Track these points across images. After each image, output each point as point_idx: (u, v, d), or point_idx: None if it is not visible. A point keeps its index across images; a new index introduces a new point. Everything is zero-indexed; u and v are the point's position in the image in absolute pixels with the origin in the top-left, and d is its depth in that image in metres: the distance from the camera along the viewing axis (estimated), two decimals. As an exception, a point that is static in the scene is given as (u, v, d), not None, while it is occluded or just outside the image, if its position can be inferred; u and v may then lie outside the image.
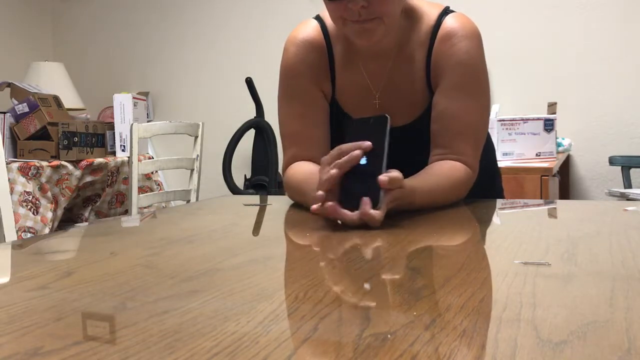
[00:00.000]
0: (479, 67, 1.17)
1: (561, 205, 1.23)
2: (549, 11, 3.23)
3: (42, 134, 2.91)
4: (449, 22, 1.16)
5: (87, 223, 3.03)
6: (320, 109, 1.22)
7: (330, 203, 0.90)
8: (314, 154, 1.17)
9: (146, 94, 3.93)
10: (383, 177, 0.90)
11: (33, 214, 2.62)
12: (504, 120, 2.23)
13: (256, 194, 3.44)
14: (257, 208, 1.19)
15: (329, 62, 1.21)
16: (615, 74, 3.13)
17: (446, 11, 1.18)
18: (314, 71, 1.21)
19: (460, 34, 1.15)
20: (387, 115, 0.94)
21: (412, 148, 1.17)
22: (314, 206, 0.91)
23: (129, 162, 2.73)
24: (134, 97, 3.17)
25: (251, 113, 3.63)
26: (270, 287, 0.58)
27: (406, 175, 1.12)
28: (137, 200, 2.71)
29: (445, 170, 1.11)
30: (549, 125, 2.33)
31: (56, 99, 3.10)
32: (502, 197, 1.42)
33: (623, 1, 3.11)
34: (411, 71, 1.19)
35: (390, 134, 0.95)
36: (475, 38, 1.16)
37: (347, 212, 0.89)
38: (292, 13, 3.66)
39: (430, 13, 1.18)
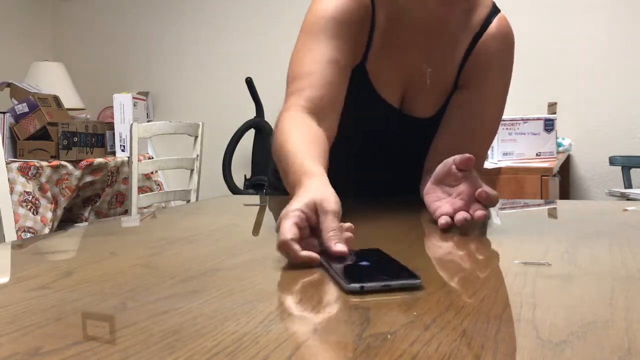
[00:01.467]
0: (510, 79, 1.16)
1: (561, 205, 1.23)
2: (549, 11, 3.23)
3: (42, 134, 2.91)
4: (503, 21, 1.12)
5: (87, 223, 3.03)
6: (347, 60, 1.07)
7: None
8: (328, 100, 1.02)
9: (146, 94, 3.93)
10: (485, 193, 0.82)
11: (33, 214, 2.62)
12: (504, 120, 2.23)
13: (256, 194, 3.44)
14: (257, 208, 1.19)
15: (370, 25, 1.09)
16: (616, 74, 3.13)
17: (496, 7, 1.14)
18: (353, 27, 1.06)
19: (510, 39, 1.12)
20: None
21: (429, 142, 1.14)
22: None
23: (129, 162, 2.73)
24: (133, 97, 3.17)
25: (251, 113, 3.63)
26: (270, 287, 0.58)
27: (413, 168, 1.13)
28: (137, 200, 2.71)
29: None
30: (549, 125, 2.33)
31: (56, 99, 3.10)
32: None
33: (623, 1, 3.11)
34: (450, 53, 1.12)
35: (411, 127, 0.90)
36: (513, 48, 1.14)
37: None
38: (292, 13, 3.66)
39: (484, 3, 1.13)
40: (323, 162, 0.88)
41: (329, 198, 0.70)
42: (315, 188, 0.74)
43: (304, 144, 0.89)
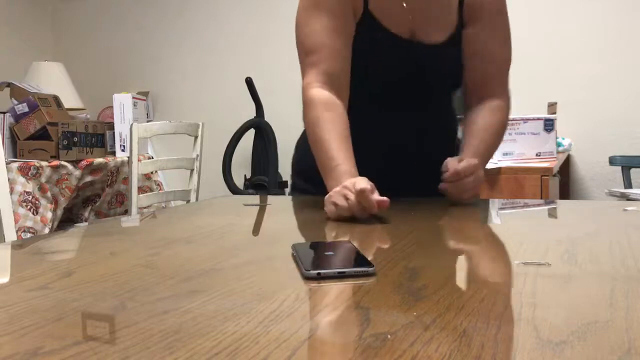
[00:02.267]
0: (505, 8, 1.27)
1: (561, 205, 1.23)
2: (549, 11, 3.23)
3: (42, 134, 2.91)
4: None
5: (87, 223, 3.03)
6: (349, 24, 1.19)
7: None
8: (341, 70, 1.17)
9: (146, 94, 3.93)
10: (456, 164, 1.09)
11: (33, 214, 2.62)
12: (503, 120, 2.22)
13: (256, 194, 3.44)
14: (257, 208, 1.19)
15: None
16: (616, 74, 3.13)
17: None
18: None
19: None
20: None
21: (446, 71, 1.24)
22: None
23: (129, 162, 2.73)
24: (133, 97, 3.17)
25: (251, 113, 3.63)
26: (270, 287, 0.58)
27: (426, 107, 1.25)
28: (137, 200, 2.71)
29: (493, 121, 1.24)
30: (549, 125, 2.33)
31: (56, 99, 3.10)
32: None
33: (624, 2, 3.11)
34: None
35: (425, 53, 1.09)
36: None
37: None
38: (292, 13, 3.66)
39: None
40: (352, 156, 1.10)
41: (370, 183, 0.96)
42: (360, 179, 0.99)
43: (337, 140, 1.10)
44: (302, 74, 1.21)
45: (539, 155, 2.31)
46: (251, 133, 3.61)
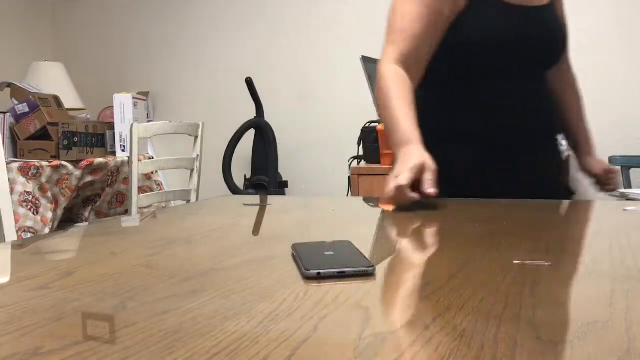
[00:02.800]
0: None
1: (561, 205, 1.23)
2: (549, 11, 3.23)
3: (42, 134, 2.91)
4: None
5: (87, 223, 3.03)
6: (440, 12, 1.30)
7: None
8: (415, 53, 1.30)
9: (146, 94, 3.93)
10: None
11: (33, 214, 2.62)
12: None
13: (256, 194, 3.44)
14: (257, 208, 1.19)
15: None
16: (616, 74, 3.13)
17: None
18: None
19: None
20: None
21: (544, 35, 1.34)
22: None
23: (129, 162, 2.74)
24: (134, 97, 3.17)
25: (251, 113, 3.63)
26: (270, 287, 0.58)
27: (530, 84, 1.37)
28: (137, 200, 2.71)
29: (581, 106, 1.57)
30: (549, 125, 2.32)
31: (56, 99, 3.10)
32: None
33: (623, 2, 3.11)
34: None
35: (540, 15, 1.30)
36: None
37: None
38: (292, 13, 3.66)
39: None
40: (414, 122, 1.22)
41: (428, 162, 1.10)
42: (417, 153, 1.13)
43: (405, 109, 1.23)
44: (383, 47, 1.36)
45: (539, 155, 2.31)
46: (251, 133, 3.61)
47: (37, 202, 2.66)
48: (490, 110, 1.33)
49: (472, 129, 1.34)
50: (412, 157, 1.11)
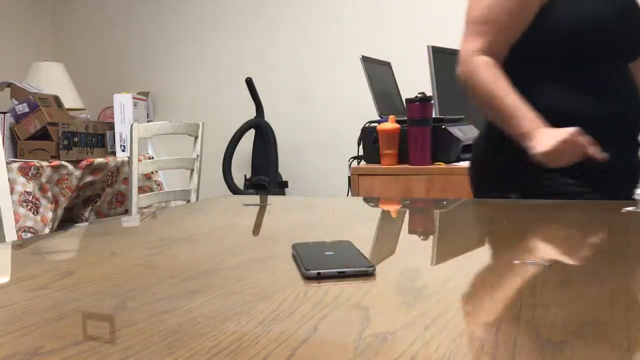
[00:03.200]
0: None
1: (561, 205, 1.23)
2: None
3: (42, 134, 2.91)
4: None
5: (87, 223, 3.03)
6: (531, 8, 1.27)
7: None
8: (502, 46, 1.28)
9: (146, 94, 3.93)
10: None
11: (33, 214, 2.63)
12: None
13: (256, 194, 3.44)
14: (257, 208, 1.19)
15: None
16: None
17: None
18: None
19: None
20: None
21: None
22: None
23: (129, 162, 2.73)
24: (134, 97, 3.17)
25: (251, 113, 3.63)
26: (270, 287, 0.58)
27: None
28: (137, 200, 2.71)
29: None
30: (549, 125, 2.32)
31: (56, 99, 3.10)
32: None
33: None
34: None
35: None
36: None
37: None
38: (292, 13, 3.66)
39: None
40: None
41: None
42: (556, 130, 1.19)
43: (517, 97, 1.24)
44: (465, 39, 1.31)
45: (539, 155, 2.31)
46: (251, 133, 3.61)
47: (37, 202, 2.66)
48: (594, 95, 1.28)
49: (575, 114, 1.28)
50: (558, 130, 1.16)
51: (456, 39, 1.38)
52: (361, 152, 2.39)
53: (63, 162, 2.78)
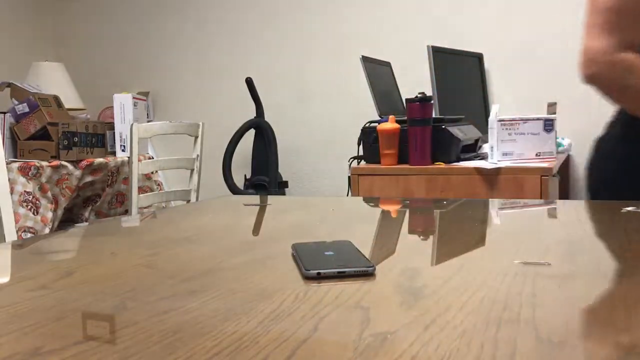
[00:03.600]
0: None
1: (561, 205, 1.23)
2: (549, 11, 3.23)
3: (42, 134, 2.91)
4: None
5: (87, 223, 3.03)
6: None
7: None
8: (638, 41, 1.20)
9: (146, 94, 3.93)
10: None
11: (33, 214, 2.63)
12: (503, 120, 2.23)
13: (256, 194, 3.44)
14: (257, 208, 1.19)
15: None
16: (615, 74, 3.13)
17: None
18: None
19: None
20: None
21: None
22: None
23: (129, 162, 2.74)
24: (134, 97, 3.17)
25: (251, 113, 3.63)
26: (270, 287, 0.58)
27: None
28: (137, 200, 2.71)
29: None
30: (549, 125, 2.33)
31: (56, 99, 3.10)
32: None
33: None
34: None
35: None
36: None
37: None
38: (291, 13, 3.66)
39: None
40: None
41: None
42: None
43: None
44: (595, 33, 1.21)
45: (539, 156, 2.31)
46: (251, 133, 3.61)
47: (37, 202, 2.66)
48: None
49: None
50: None
51: (456, 39, 1.37)
52: (361, 152, 2.39)
53: (63, 162, 2.78)
